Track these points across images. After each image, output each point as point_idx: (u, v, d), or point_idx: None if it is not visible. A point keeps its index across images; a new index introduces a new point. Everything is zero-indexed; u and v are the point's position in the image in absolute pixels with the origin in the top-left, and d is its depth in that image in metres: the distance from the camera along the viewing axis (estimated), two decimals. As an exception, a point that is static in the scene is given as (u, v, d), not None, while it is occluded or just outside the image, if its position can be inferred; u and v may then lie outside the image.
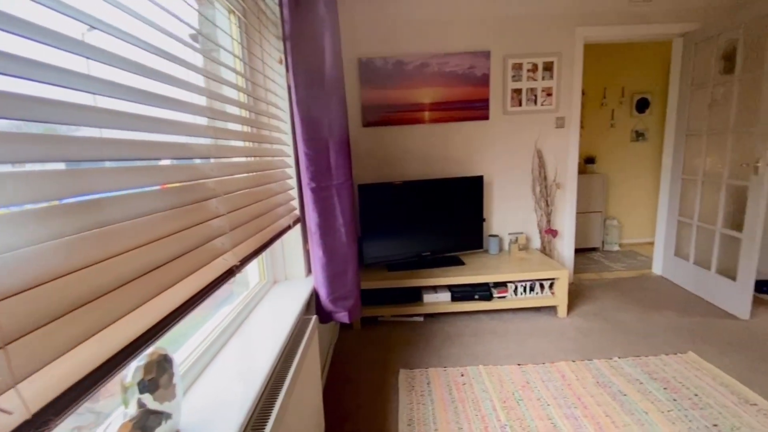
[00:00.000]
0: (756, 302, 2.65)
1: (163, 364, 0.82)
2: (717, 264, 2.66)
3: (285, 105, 1.59)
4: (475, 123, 2.88)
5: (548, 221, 2.93)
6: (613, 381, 1.92)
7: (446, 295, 2.59)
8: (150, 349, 0.82)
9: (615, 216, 4.08)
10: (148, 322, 0.74)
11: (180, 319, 0.83)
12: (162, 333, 0.79)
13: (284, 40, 1.50)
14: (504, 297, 2.62)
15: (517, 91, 2.83)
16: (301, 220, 1.64)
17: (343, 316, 1.68)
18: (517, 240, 2.89)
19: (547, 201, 2.91)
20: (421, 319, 2.64)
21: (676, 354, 2.11)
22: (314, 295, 1.67)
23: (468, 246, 2.82)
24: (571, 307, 2.72)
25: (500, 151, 2.93)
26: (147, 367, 0.79)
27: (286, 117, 1.59)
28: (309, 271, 1.75)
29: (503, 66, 2.80)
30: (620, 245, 4.05)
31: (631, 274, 3.29)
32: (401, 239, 2.69)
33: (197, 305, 0.88)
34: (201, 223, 0.90)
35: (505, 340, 2.34)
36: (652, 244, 3.86)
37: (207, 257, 0.91)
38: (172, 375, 0.83)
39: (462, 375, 2.02)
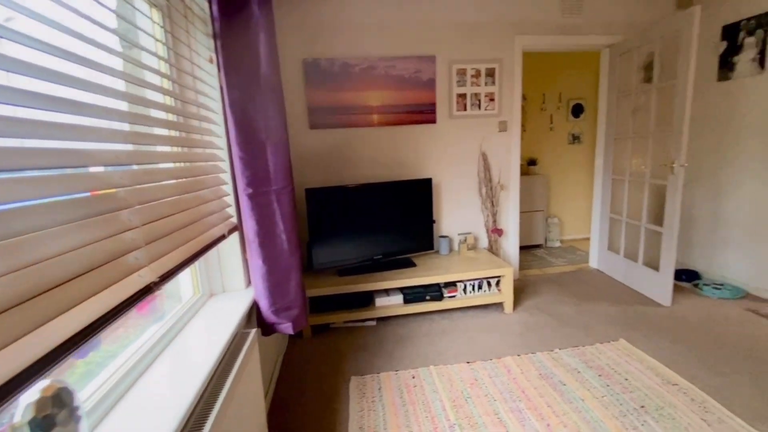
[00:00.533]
0: (676, 290, 2.92)
1: (61, 399, 0.72)
2: (643, 256, 2.90)
3: (218, 107, 1.51)
4: (423, 126, 2.92)
5: (494, 221, 3.05)
6: (554, 372, 2.02)
7: (398, 298, 2.60)
8: (45, 382, 0.73)
9: (556, 214, 4.34)
10: (40, 349, 0.65)
11: (83, 343, 0.74)
12: (60, 360, 0.70)
13: (214, 38, 1.42)
14: (454, 296, 2.67)
15: (462, 96, 2.91)
16: (239, 228, 1.56)
17: (286, 327, 1.62)
18: (465, 240, 2.97)
19: (492, 201, 3.02)
20: (374, 323, 2.62)
21: (609, 342, 2.27)
22: (255, 307, 1.59)
23: (419, 248, 2.85)
24: (516, 302, 2.84)
25: (448, 154, 2.99)
26: (40, 404, 0.69)
27: (220, 119, 1.50)
28: (249, 282, 1.66)
29: (448, 71, 2.87)
30: (561, 241, 4.31)
31: (570, 269, 3.50)
32: (352, 243, 2.66)
33: (106, 327, 0.80)
34: (109, 237, 0.81)
35: (455, 338, 2.39)
36: (588, 239, 4.15)
37: (117, 274, 0.82)
38: (73, 410, 0.74)
39: (413, 377, 2.03)
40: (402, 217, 2.76)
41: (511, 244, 3.20)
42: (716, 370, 1.95)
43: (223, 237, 1.39)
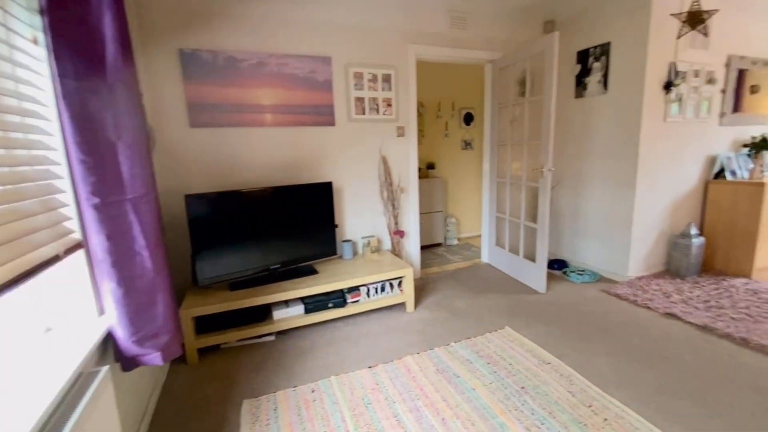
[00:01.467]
0: (550, 278, 3.35)
1: None
2: (524, 250, 3.26)
3: (50, 99, 1.22)
4: (322, 128, 2.85)
5: (396, 223, 3.12)
6: (449, 365, 2.12)
7: (299, 308, 2.48)
8: None
9: (453, 214, 4.66)
10: None
11: None
12: None
13: (41, 14, 1.15)
14: (357, 301, 2.65)
15: (360, 100, 2.91)
16: (84, 245, 1.29)
17: (154, 358, 1.39)
18: (369, 243, 2.98)
19: (393, 204, 3.09)
20: (273, 338, 2.46)
21: (497, 330, 2.47)
22: (112, 339, 1.33)
23: (322, 254, 2.77)
24: (418, 301, 2.94)
25: (349, 157, 2.97)
26: None
27: (53, 114, 1.22)
28: (103, 309, 1.39)
29: (345, 74, 2.84)
30: (459, 239, 4.65)
31: (466, 264, 3.78)
32: (246, 253, 2.45)
33: None
34: None
35: (359, 344, 2.36)
36: (481, 237, 4.54)
37: None
38: None
39: (313, 391, 1.94)
40: (302, 223, 2.65)
41: (412, 245, 3.32)
42: (579, 346, 2.26)
43: (57, 258, 1.13)
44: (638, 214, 3.13)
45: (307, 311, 2.48)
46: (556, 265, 3.57)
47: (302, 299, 2.51)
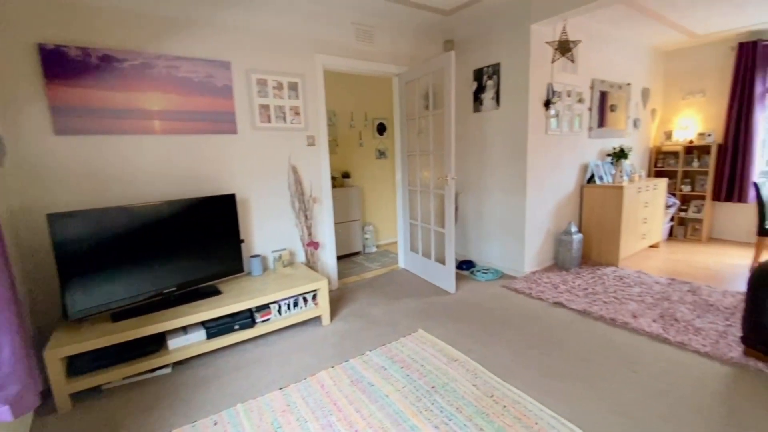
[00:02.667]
0: (459, 278, 3.57)
1: None
2: (435, 253, 3.43)
3: None
4: (223, 137, 2.66)
5: (309, 234, 3.04)
6: (364, 375, 2.11)
7: (200, 334, 2.26)
8: None
9: (371, 222, 4.73)
10: None
11: None
12: None
13: None
14: (268, 320, 2.51)
15: (266, 107, 2.80)
16: None
17: (1, 413, 1.13)
18: (281, 257, 2.85)
19: (306, 215, 3.01)
20: (169, 370, 2.19)
21: (410, 334, 2.54)
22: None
23: (226, 272, 2.57)
24: (334, 313, 2.89)
25: (255, 167, 2.83)
26: None
27: None
28: None
29: (247, 80, 2.71)
30: (378, 247, 4.73)
31: (384, 271, 3.84)
32: (132, 277, 2.16)
33: None
34: None
35: (270, 365, 2.23)
36: (397, 243, 4.68)
37: None
38: None
39: (215, 423, 1.77)
40: (201, 239, 2.43)
41: (328, 255, 3.27)
42: (484, 340, 2.43)
43: None
44: (529, 216, 3.51)
45: (210, 336, 2.27)
46: (465, 265, 3.83)
47: (203, 323, 2.29)
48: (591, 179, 4.06)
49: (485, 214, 3.85)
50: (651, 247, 4.44)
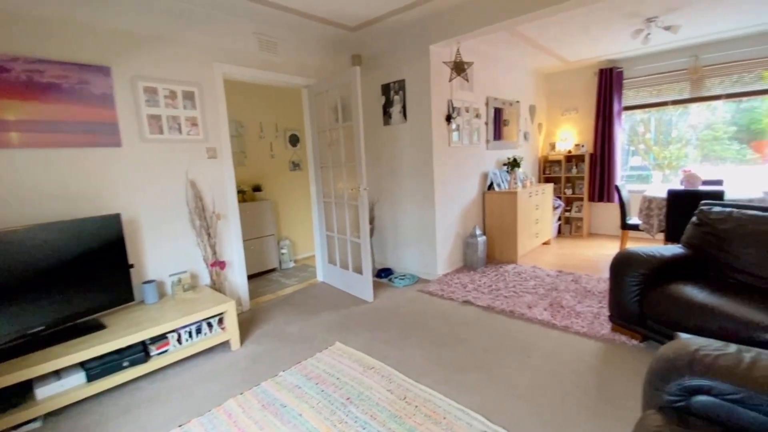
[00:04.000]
0: (378, 286, 3.63)
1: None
2: (352, 264, 3.44)
3: None
4: (104, 150, 2.37)
5: (214, 253, 2.84)
6: (276, 397, 2.01)
7: (78, 377, 1.94)
8: None
9: (287, 236, 4.58)
10: None
11: None
12: None
13: None
14: (166, 351, 2.27)
15: (156, 118, 2.57)
16: None
17: None
18: (180, 281, 2.61)
19: (209, 233, 2.81)
20: (38, 424, 1.84)
21: (327, 348, 2.50)
22: None
23: (112, 302, 2.27)
24: (245, 335, 2.72)
25: (145, 183, 2.56)
26: None
27: None
28: None
29: (132, 88, 2.47)
30: (296, 261, 4.59)
31: (302, 286, 3.74)
32: (-20, 319, 1.79)
33: None
34: None
35: (168, 401, 2.01)
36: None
37: None
38: None
39: (95, 480, 1.53)
40: (80, 267, 2.11)
41: (237, 275, 3.08)
42: (399, 345, 2.49)
43: None
44: (439, 222, 3.73)
45: (91, 378, 1.97)
46: (383, 273, 3.91)
47: (83, 364, 1.98)
48: (491, 186, 4.48)
49: (400, 222, 3.99)
50: (544, 244, 5.02)
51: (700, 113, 4.74)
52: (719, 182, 4.28)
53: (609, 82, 5.06)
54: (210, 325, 2.46)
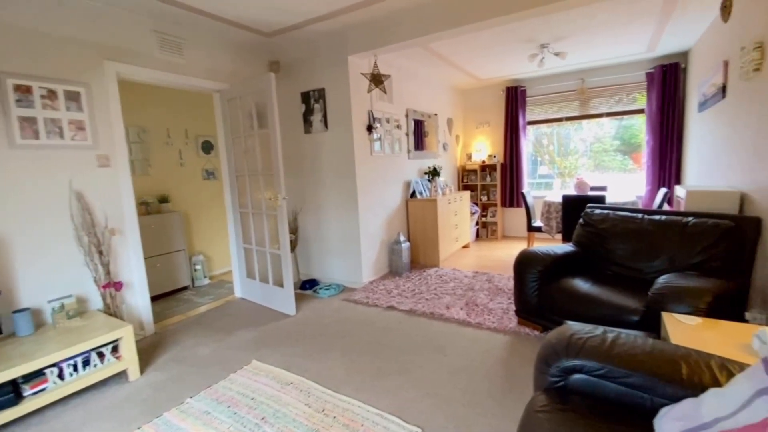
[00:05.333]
0: (301, 298, 3.52)
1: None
2: (273, 277, 3.30)
3: None
4: (-44, 157, 1.98)
5: (107, 273, 2.52)
6: (180, 427, 1.83)
7: None
8: None
9: (201, 251, 4.25)
10: None
11: None
12: None
13: None
14: (44, 389, 1.94)
15: (30, 120, 2.23)
16: None
17: None
18: (63, 306, 2.26)
19: (101, 251, 2.49)
20: None
21: (243, 368, 2.35)
22: None
23: (-33, 338, 1.88)
24: (147, 362, 2.45)
25: (15, 196, 2.19)
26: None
27: None
28: None
29: (-3, 84, 2.11)
30: (211, 278, 4.27)
31: (217, 304, 3.49)
32: None
33: None
34: None
35: (42, 450, 1.71)
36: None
37: None
38: None
39: None
40: None
41: (138, 296, 2.76)
42: (320, 357, 2.43)
43: None
44: (363, 229, 3.76)
45: (-68, 434, 1.61)
46: (308, 284, 3.82)
47: None
48: (413, 194, 4.65)
49: (324, 231, 3.94)
50: (464, 247, 5.34)
51: (591, 129, 5.48)
52: (604, 188, 4.97)
53: (515, 99, 5.61)
54: (101, 355, 2.16)
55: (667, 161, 4.70)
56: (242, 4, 2.75)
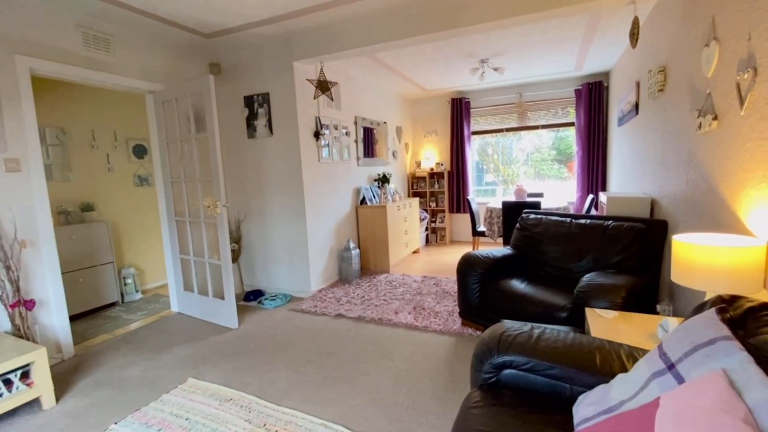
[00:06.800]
0: (245, 310, 3.37)
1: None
2: (213, 289, 3.13)
3: None
4: None
5: (17, 290, 2.23)
6: (101, 459, 1.66)
7: None
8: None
9: (132, 263, 3.92)
10: None
11: None
12: None
13: None
14: (-75, 429, 1.66)
15: None
16: None
17: None
18: (-44, 330, 1.97)
19: (9, 266, 2.20)
20: None
21: (177, 387, 2.19)
22: None
23: None
24: (65, 388, 2.20)
25: None
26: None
27: None
28: None
29: None
30: (143, 292, 3.94)
31: (151, 320, 3.23)
32: None
33: None
34: None
35: None
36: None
37: None
38: None
39: None
40: None
41: (54, 315, 2.48)
42: (263, 370, 2.33)
43: None
44: (311, 237, 3.70)
45: None
46: (253, 296, 3.66)
47: None
48: (363, 201, 4.67)
49: (270, 239, 3.82)
50: (414, 252, 5.44)
51: (531, 139, 5.86)
52: (541, 195, 5.33)
53: (459, 110, 5.86)
54: (8, 383, 1.90)
55: (594, 170, 5.16)
56: (177, 3, 2.61)
